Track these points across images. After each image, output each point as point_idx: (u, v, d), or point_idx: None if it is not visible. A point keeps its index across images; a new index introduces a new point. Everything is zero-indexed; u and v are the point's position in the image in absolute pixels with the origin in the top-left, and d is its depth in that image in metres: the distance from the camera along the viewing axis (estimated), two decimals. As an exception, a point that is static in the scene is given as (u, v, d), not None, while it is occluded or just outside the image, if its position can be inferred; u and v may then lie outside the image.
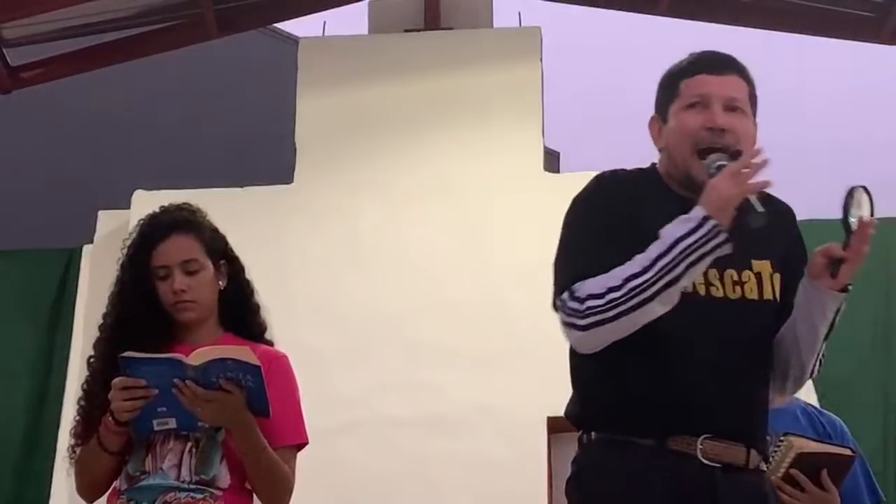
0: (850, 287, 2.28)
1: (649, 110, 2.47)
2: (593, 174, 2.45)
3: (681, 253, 2.17)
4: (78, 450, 2.73)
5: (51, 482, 5.85)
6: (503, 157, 6.21)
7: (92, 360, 2.78)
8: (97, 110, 9.18)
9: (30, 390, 6.17)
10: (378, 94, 6.41)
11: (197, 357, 2.52)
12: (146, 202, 2.87)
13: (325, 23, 6.91)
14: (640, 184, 2.40)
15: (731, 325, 2.31)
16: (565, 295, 2.28)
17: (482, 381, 5.78)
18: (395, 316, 5.93)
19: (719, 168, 2.23)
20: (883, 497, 3.19)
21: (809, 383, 5.56)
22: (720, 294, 2.32)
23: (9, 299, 6.38)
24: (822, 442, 2.92)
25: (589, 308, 2.22)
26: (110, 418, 2.60)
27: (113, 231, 6.14)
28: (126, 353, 2.55)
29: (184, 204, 2.88)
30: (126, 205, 6.09)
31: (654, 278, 2.18)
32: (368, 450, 5.74)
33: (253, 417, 2.58)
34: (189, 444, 2.64)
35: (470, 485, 5.64)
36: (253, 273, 2.94)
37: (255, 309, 2.87)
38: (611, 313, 2.21)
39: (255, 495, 2.72)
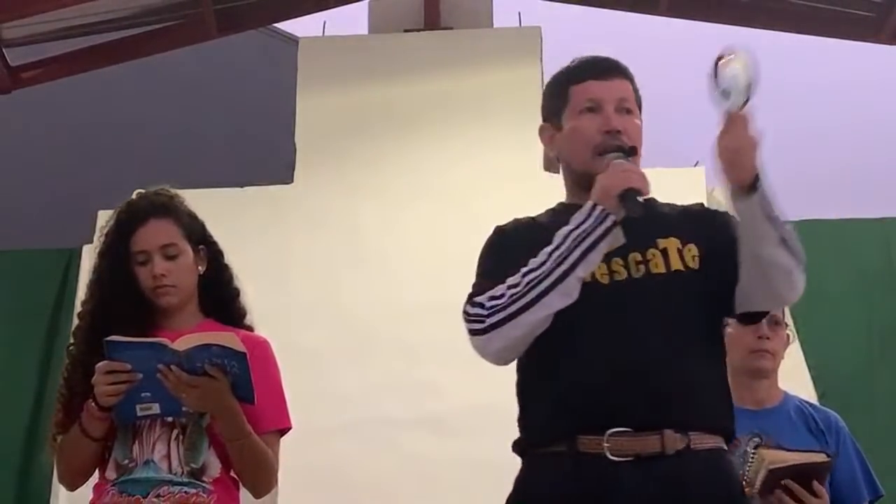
0: (757, 184, 2.18)
1: (651, 110, 2.48)
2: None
3: (573, 241, 2.24)
4: (59, 438, 2.71)
5: (52, 481, 5.84)
6: (503, 157, 6.20)
7: (71, 347, 2.78)
8: (97, 111, 9.17)
9: (30, 390, 6.15)
10: (378, 94, 6.40)
11: (182, 343, 2.51)
12: (146, 202, 2.90)
13: (325, 23, 6.92)
14: (539, 219, 2.53)
15: (640, 304, 2.30)
16: (467, 305, 2.34)
17: (482, 381, 5.73)
18: (395, 316, 5.92)
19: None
20: (883, 493, 3.19)
21: (809, 382, 5.64)
22: (623, 277, 2.33)
23: (9, 299, 6.37)
24: (794, 451, 2.91)
25: (492, 307, 2.29)
26: (93, 404, 2.58)
27: (113, 231, 6.13)
28: (110, 337, 2.54)
29: (161, 189, 2.86)
30: (126, 205, 6.09)
31: (550, 268, 2.24)
32: (368, 450, 5.73)
33: (237, 403, 2.56)
34: (175, 431, 2.63)
35: (470, 485, 5.63)
36: (253, 273, 2.94)
37: (234, 294, 2.85)
38: (512, 308, 2.27)
39: (240, 481, 2.71)
